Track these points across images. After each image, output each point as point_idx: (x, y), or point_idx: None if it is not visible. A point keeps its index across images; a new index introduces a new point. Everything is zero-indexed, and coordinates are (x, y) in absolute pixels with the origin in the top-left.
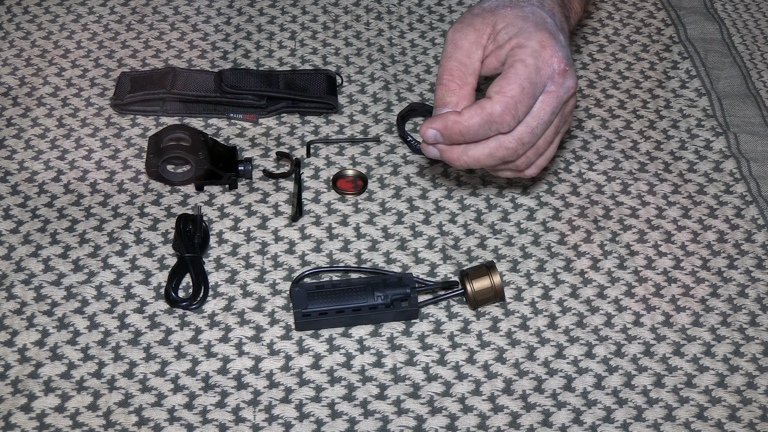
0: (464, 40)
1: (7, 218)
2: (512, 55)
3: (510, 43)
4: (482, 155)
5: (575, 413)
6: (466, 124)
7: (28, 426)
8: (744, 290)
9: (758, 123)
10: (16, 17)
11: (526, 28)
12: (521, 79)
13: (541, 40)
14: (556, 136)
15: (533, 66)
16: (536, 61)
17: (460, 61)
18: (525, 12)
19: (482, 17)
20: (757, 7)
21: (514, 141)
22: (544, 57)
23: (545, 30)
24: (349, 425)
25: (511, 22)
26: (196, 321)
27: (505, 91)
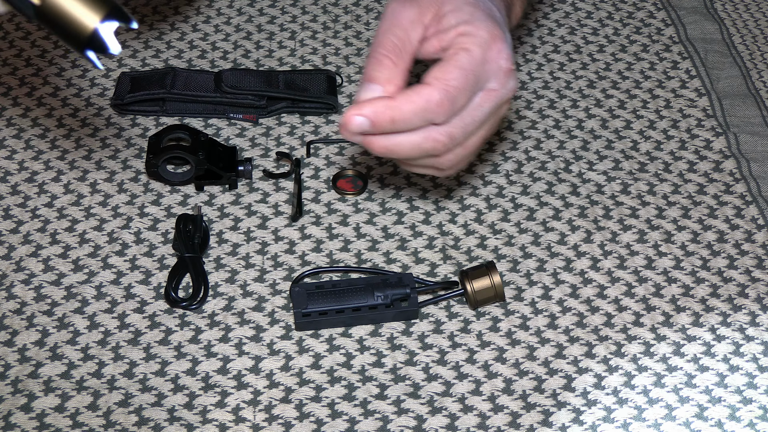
0: (405, 15)
1: (7, 218)
2: (458, 43)
3: (457, 29)
4: (408, 144)
5: (575, 413)
6: (400, 111)
7: (28, 426)
8: (744, 290)
9: (758, 123)
10: (16, 17)
11: (476, 15)
12: (465, 69)
13: (491, 31)
14: (483, 138)
15: (480, 57)
16: (483, 54)
17: (399, 36)
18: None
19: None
20: (757, 7)
21: (444, 135)
22: (492, 51)
23: (495, 22)
24: (349, 425)
25: (460, 6)
26: (196, 321)
27: (447, 78)
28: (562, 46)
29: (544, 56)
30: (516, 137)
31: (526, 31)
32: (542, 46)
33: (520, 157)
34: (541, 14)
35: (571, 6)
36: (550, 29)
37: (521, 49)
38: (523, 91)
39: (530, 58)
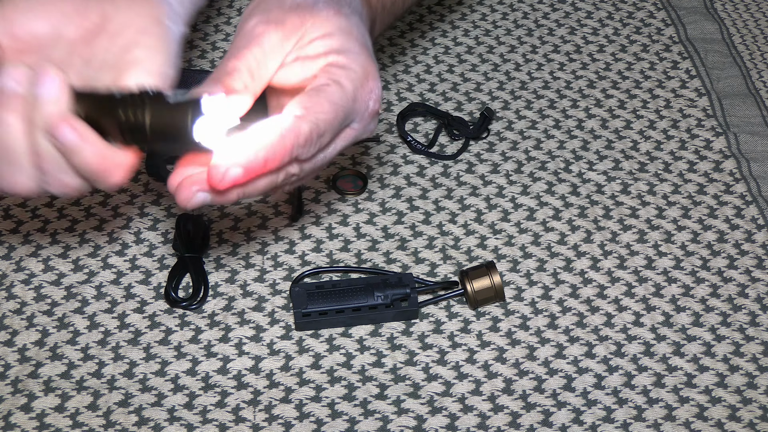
0: (267, 37)
1: (7, 218)
2: (329, 73)
3: (327, 59)
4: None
5: (575, 413)
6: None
7: (28, 426)
8: (744, 290)
9: (758, 123)
10: None
11: (350, 47)
12: (336, 104)
13: (365, 67)
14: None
15: (351, 94)
16: (355, 91)
17: (257, 58)
18: (350, 23)
19: (297, 15)
20: (757, 7)
21: (299, 169)
22: (364, 89)
23: (369, 55)
24: (349, 425)
25: (331, 32)
26: (196, 321)
27: (318, 111)
28: (562, 46)
29: (544, 56)
30: (516, 137)
31: (526, 31)
32: (542, 46)
33: (520, 157)
34: (541, 14)
35: (571, 6)
36: (550, 29)
37: (521, 49)
38: (523, 91)
39: (530, 58)
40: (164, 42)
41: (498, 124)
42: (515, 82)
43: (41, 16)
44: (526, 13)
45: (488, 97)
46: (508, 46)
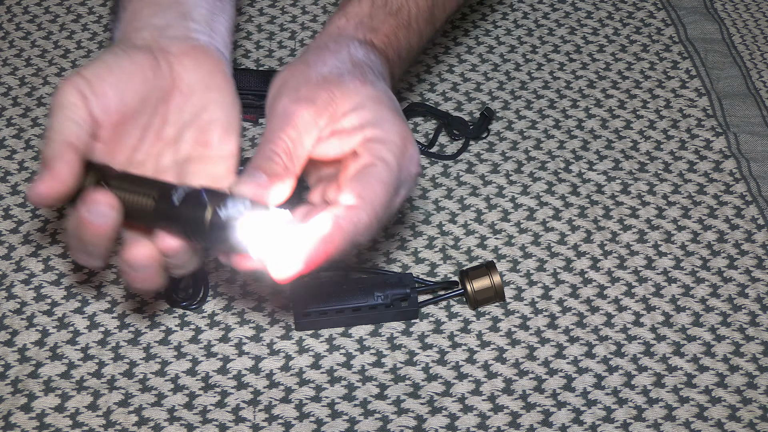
0: (299, 116)
1: (7, 218)
2: (370, 150)
3: (364, 133)
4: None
5: (575, 413)
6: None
7: (28, 426)
8: (744, 290)
9: (758, 123)
10: (16, 17)
11: (383, 116)
12: (386, 182)
13: (402, 134)
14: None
15: (396, 168)
16: (399, 162)
17: (292, 138)
18: (377, 90)
19: (325, 90)
20: (757, 7)
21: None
22: (405, 158)
23: (403, 121)
24: (349, 425)
25: (362, 103)
26: (196, 321)
27: (372, 197)
28: (562, 46)
29: (544, 56)
30: (516, 137)
31: (526, 31)
32: (542, 46)
33: (520, 157)
34: (541, 14)
35: (571, 6)
36: (550, 29)
37: (521, 49)
38: (523, 91)
39: (530, 58)
40: (232, 96)
41: (498, 124)
42: (515, 82)
43: (129, 86)
44: (526, 13)
45: (488, 97)
46: (508, 46)
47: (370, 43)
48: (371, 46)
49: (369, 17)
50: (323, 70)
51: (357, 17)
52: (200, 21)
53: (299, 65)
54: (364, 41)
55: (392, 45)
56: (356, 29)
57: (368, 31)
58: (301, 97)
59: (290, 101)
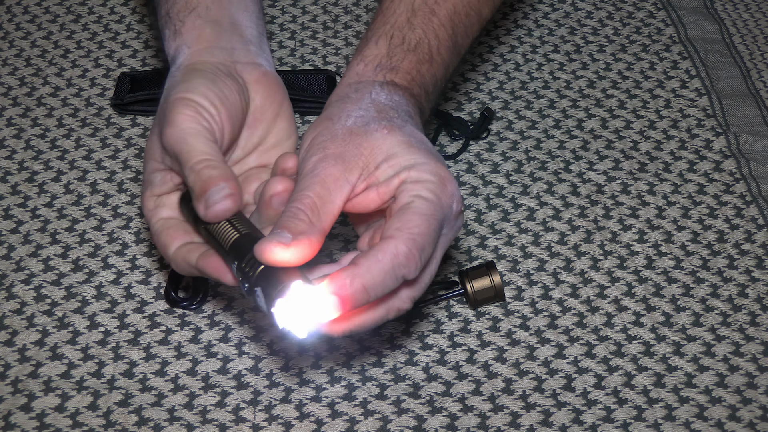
0: (328, 172)
1: (7, 218)
2: (407, 190)
3: (400, 177)
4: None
5: (575, 413)
6: (370, 275)
7: (28, 426)
8: (744, 290)
9: (758, 123)
10: (16, 17)
11: (417, 159)
12: (426, 214)
13: (438, 174)
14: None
15: (437, 202)
16: (438, 199)
17: (318, 193)
18: (406, 134)
19: (352, 144)
20: (757, 7)
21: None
22: (445, 194)
23: (438, 160)
24: (349, 425)
25: (395, 152)
26: (196, 321)
27: (410, 227)
28: (562, 46)
29: (544, 56)
30: (516, 137)
31: (526, 31)
32: (542, 46)
33: (520, 157)
34: (541, 14)
35: (571, 6)
36: (550, 29)
37: (521, 49)
38: (523, 91)
39: (530, 58)
40: (293, 122)
41: (498, 124)
42: (515, 82)
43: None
44: (526, 13)
45: (488, 97)
46: (508, 46)
47: (391, 83)
48: (393, 85)
49: (387, 57)
50: (348, 122)
51: (375, 60)
52: (256, 43)
53: (324, 122)
54: (385, 82)
55: (416, 80)
56: (375, 72)
57: (388, 71)
58: (329, 155)
59: (318, 159)
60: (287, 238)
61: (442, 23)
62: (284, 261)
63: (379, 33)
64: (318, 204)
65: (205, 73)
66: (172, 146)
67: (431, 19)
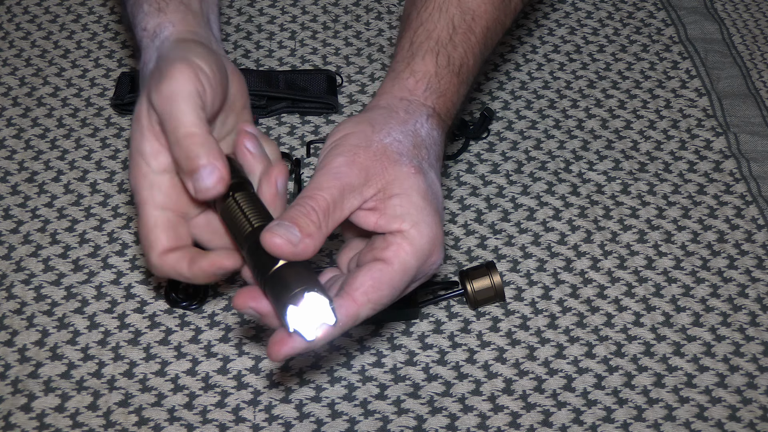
0: (349, 180)
1: (7, 218)
2: (398, 245)
3: (401, 224)
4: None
5: (575, 413)
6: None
7: (28, 426)
8: (744, 290)
9: (758, 123)
10: (16, 17)
11: (423, 216)
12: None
13: (433, 240)
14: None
15: (412, 274)
16: (418, 268)
17: (334, 198)
18: (427, 184)
19: (381, 165)
20: (757, 7)
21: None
22: (428, 262)
23: (438, 220)
24: (349, 425)
25: (410, 194)
26: (196, 321)
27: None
28: (562, 46)
29: (544, 56)
30: (516, 137)
31: (526, 31)
32: (542, 46)
33: (520, 157)
34: (541, 14)
35: (571, 6)
36: (550, 29)
37: (521, 49)
38: (523, 91)
39: (530, 58)
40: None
41: (498, 124)
42: (515, 82)
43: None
44: (527, 13)
45: (488, 97)
46: (508, 46)
47: (437, 114)
48: (438, 119)
49: (436, 78)
50: (386, 140)
51: (425, 78)
52: (216, 32)
53: (364, 125)
54: (433, 113)
55: (456, 107)
56: (425, 94)
57: (437, 96)
58: (357, 162)
59: (345, 163)
60: (296, 237)
61: (478, 41)
62: (285, 257)
63: (424, 48)
64: (331, 209)
65: (200, 44)
66: (162, 105)
67: (470, 37)
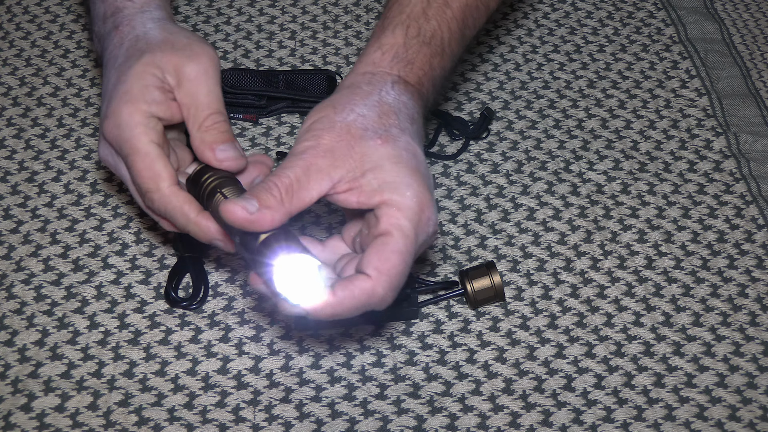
0: (315, 162)
1: (7, 218)
2: (388, 216)
3: (382, 195)
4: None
5: (575, 413)
6: (342, 307)
7: (28, 426)
8: (744, 290)
9: (758, 123)
10: (16, 17)
11: (401, 178)
12: (403, 252)
13: (419, 197)
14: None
15: (413, 235)
16: (416, 228)
17: (298, 178)
18: (398, 149)
19: (347, 145)
20: (757, 7)
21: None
22: (422, 222)
23: (422, 182)
24: (349, 425)
25: (382, 164)
26: (196, 321)
27: (388, 268)
28: (562, 46)
29: (544, 56)
30: (516, 137)
31: (526, 31)
32: (542, 46)
33: (520, 157)
34: (541, 14)
35: (571, 6)
36: (550, 29)
37: (521, 49)
38: (523, 91)
39: (530, 58)
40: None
41: (498, 124)
42: (515, 82)
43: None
44: (526, 13)
45: (488, 97)
46: (508, 46)
47: (404, 81)
48: (404, 84)
49: (404, 48)
50: (349, 118)
51: (392, 49)
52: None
53: (327, 108)
54: (399, 79)
55: (428, 75)
56: (391, 64)
57: (404, 64)
58: (321, 145)
59: (309, 146)
60: (254, 206)
61: (454, 15)
62: (241, 225)
63: (395, 22)
64: (294, 187)
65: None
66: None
67: (445, 11)
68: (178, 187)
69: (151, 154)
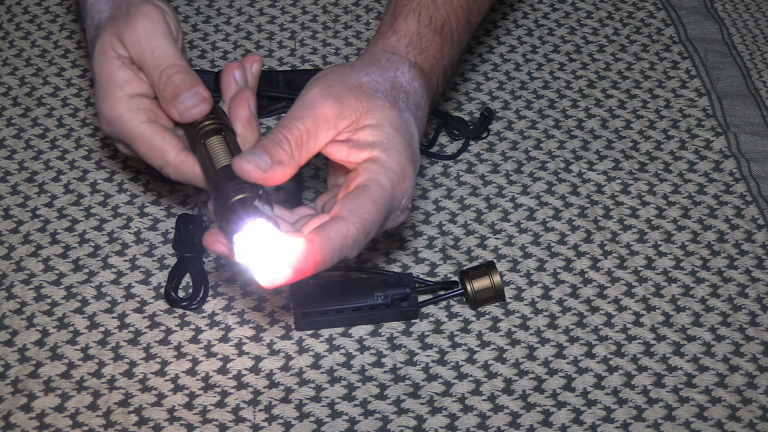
0: (323, 111)
1: (7, 218)
2: (369, 170)
3: (371, 152)
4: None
5: (575, 413)
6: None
7: (28, 426)
8: (744, 290)
9: (758, 123)
10: (16, 17)
11: (395, 143)
12: (378, 202)
13: (404, 167)
14: None
15: (390, 193)
16: (393, 190)
17: (308, 129)
18: (402, 119)
19: (356, 98)
20: (757, 7)
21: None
22: (401, 188)
23: (410, 155)
24: (349, 425)
25: (382, 123)
26: (196, 321)
27: (362, 212)
28: (562, 46)
29: (544, 56)
30: (516, 137)
31: (526, 31)
32: (542, 46)
33: (520, 157)
34: (541, 14)
35: (571, 6)
36: (550, 29)
37: (521, 49)
38: (523, 91)
39: (530, 58)
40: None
41: (498, 124)
42: (515, 82)
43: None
44: (526, 13)
45: (488, 97)
46: (508, 46)
47: (419, 67)
48: (419, 71)
49: (417, 36)
50: (363, 79)
51: (407, 36)
52: None
53: (345, 67)
54: (414, 65)
55: (439, 63)
56: (407, 50)
57: (419, 52)
58: (332, 93)
59: (319, 94)
60: (266, 163)
61: (461, 4)
62: (256, 181)
63: (407, 9)
64: (304, 139)
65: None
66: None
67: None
68: (185, 154)
69: (147, 134)
